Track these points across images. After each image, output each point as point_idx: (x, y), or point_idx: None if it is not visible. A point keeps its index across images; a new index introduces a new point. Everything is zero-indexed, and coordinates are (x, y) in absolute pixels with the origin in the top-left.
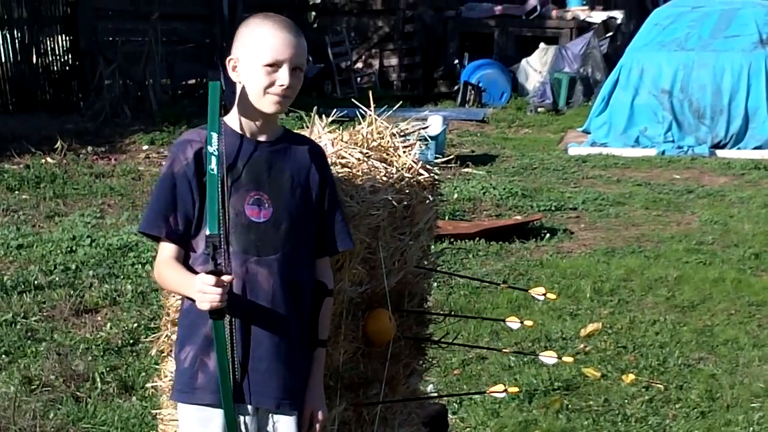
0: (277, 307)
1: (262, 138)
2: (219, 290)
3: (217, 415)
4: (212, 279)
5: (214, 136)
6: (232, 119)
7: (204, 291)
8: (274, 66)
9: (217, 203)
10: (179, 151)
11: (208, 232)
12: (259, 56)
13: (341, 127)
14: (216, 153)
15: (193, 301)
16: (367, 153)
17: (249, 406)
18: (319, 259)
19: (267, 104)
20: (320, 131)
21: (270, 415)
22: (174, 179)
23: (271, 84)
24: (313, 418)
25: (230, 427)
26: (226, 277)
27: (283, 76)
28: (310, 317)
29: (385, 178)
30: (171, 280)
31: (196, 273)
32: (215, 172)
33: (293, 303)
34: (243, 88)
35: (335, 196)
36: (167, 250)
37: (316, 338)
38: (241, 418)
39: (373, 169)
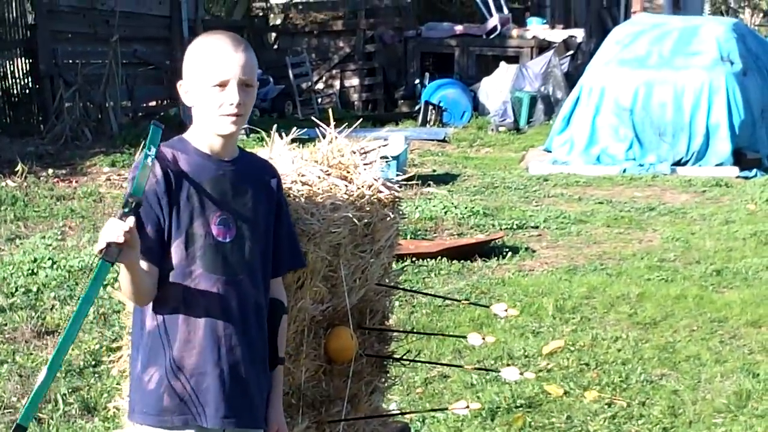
0: (245, 327)
1: (226, 158)
2: (123, 229)
3: None
4: (117, 222)
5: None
6: (196, 139)
7: (108, 229)
8: (222, 86)
9: (147, 179)
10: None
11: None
12: (205, 78)
13: (301, 146)
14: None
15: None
16: (327, 170)
17: (224, 428)
18: (274, 278)
19: (222, 125)
20: (280, 150)
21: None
22: (146, 196)
23: (222, 104)
24: None
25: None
26: (129, 220)
27: (232, 94)
28: (269, 335)
29: (345, 196)
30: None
31: (168, 288)
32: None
33: (257, 323)
34: (198, 111)
35: (288, 215)
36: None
37: (276, 356)
38: None
39: (333, 186)
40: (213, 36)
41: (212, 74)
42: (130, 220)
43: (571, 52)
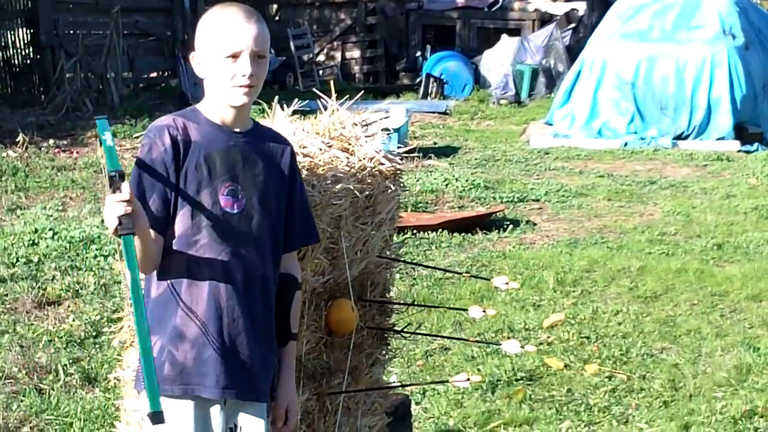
0: (249, 300)
1: (237, 129)
2: (123, 198)
3: (183, 405)
4: (113, 195)
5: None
6: (208, 110)
7: (109, 207)
8: (235, 57)
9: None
10: (156, 137)
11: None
12: (217, 49)
13: (303, 118)
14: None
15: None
16: (328, 143)
17: (224, 398)
18: (287, 252)
19: (234, 97)
20: (281, 122)
21: (243, 405)
22: (153, 165)
23: (234, 75)
24: (290, 411)
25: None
26: (124, 186)
27: (244, 65)
28: (281, 310)
29: (347, 168)
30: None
31: (172, 256)
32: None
33: (262, 296)
34: (210, 83)
35: (303, 190)
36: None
37: (288, 331)
38: (215, 409)
39: (334, 158)
40: (225, 8)
41: (225, 45)
42: (125, 186)
43: (572, 25)
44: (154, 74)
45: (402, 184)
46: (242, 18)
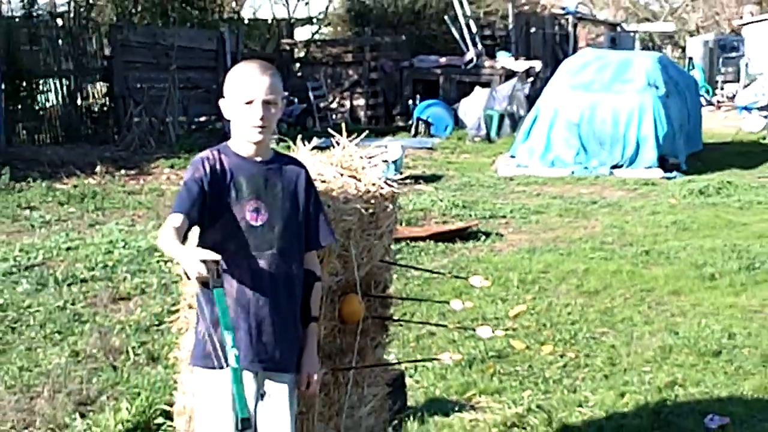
0: (275, 292)
1: (258, 159)
2: (203, 265)
3: (221, 376)
4: (203, 253)
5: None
6: (235, 145)
7: (192, 261)
8: (249, 103)
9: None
10: (199, 164)
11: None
12: (237, 97)
13: (320, 152)
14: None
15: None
16: (340, 171)
17: (254, 370)
18: (308, 252)
19: (251, 135)
20: (304, 155)
21: (270, 375)
22: (195, 182)
23: (250, 118)
24: (311, 378)
25: (235, 377)
26: (213, 257)
27: (256, 111)
28: (303, 299)
29: (355, 191)
30: (167, 239)
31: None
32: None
33: (286, 288)
34: (234, 123)
35: (318, 201)
36: (176, 219)
37: (310, 315)
38: (248, 377)
39: (345, 184)
40: (246, 63)
41: (242, 94)
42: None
43: (531, 79)
44: (203, 118)
45: (398, 204)
46: (257, 72)
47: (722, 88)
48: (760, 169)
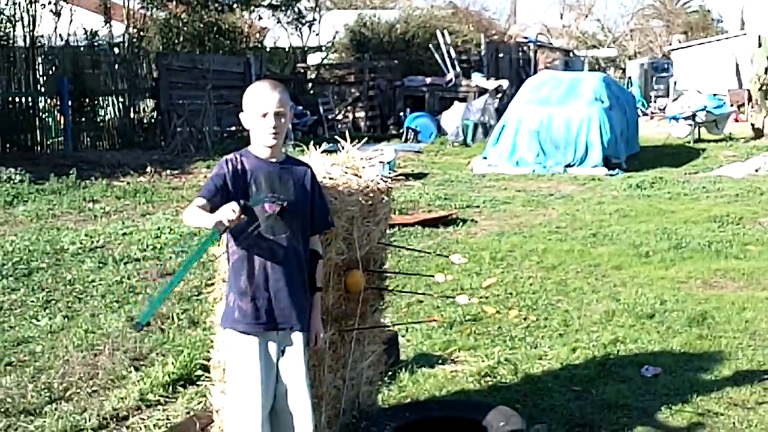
0: (288, 267)
1: (273, 160)
2: (234, 215)
3: (251, 339)
4: (237, 207)
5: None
6: (254, 149)
7: (226, 210)
8: (264, 115)
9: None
10: (224, 163)
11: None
12: (253, 110)
13: (328, 155)
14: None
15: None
16: (345, 170)
17: (276, 331)
18: (313, 236)
19: (267, 140)
20: (315, 157)
21: (287, 332)
22: (219, 177)
23: (264, 127)
24: (317, 336)
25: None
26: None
27: (269, 121)
28: (310, 273)
29: (357, 186)
30: (193, 213)
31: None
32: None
33: (297, 264)
34: (252, 132)
35: (322, 195)
36: (200, 201)
37: (315, 286)
38: (269, 341)
39: (349, 180)
40: (259, 83)
41: (257, 108)
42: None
43: (500, 95)
44: (233, 128)
45: (392, 196)
46: (269, 89)
47: (655, 102)
48: (686, 167)
